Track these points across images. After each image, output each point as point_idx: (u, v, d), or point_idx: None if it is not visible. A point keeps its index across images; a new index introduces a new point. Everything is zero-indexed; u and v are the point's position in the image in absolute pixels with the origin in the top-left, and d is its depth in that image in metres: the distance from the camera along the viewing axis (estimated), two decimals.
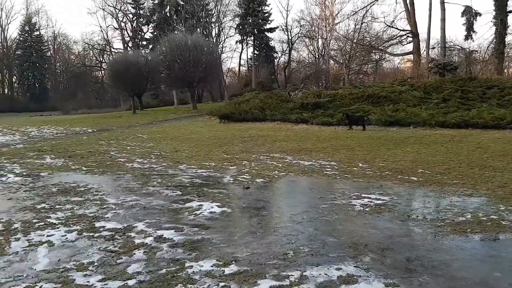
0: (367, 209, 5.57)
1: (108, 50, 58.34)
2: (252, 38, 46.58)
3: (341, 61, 46.77)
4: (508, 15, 24.53)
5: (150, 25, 51.32)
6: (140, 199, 6.40)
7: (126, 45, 53.99)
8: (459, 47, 27.93)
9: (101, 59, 61.07)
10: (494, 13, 24.67)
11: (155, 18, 48.95)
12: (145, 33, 53.84)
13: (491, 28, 25.43)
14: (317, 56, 54.44)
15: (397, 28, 31.97)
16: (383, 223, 4.99)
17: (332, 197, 6.24)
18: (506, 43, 25.16)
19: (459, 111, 16.06)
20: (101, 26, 75.48)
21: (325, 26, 51.44)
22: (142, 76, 32.60)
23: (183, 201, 6.20)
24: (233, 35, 51.07)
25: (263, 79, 46.03)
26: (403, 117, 15.82)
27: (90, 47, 58.92)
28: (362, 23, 40.98)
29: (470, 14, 25.21)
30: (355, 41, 40.04)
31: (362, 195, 6.32)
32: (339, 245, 4.31)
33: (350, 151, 10.91)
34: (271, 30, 46.41)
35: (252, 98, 23.29)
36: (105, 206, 5.99)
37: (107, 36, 57.37)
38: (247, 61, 56.35)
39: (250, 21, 44.35)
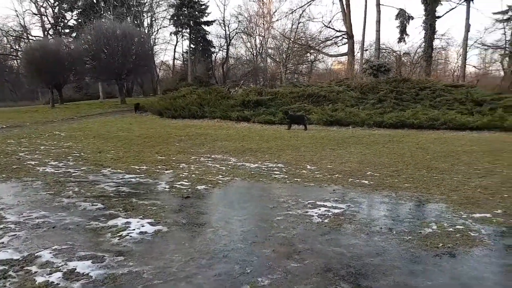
0: (326, 221, 4.87)
1: (25, 37, 52.59)
2: (188, 30, 44.72)
3: (278, 60, 46.93)
4: (436, 20, 25.93)
5: (74, 12, 47.11)
6: (50, 215, 5.10)
7: (46, 32, 49.03)
8: (390, 50, 29.05)
9: (17, 47, 54.93)
10: (424, 17, 25.92)
11: (79, 4, 45.01)
12: (68, 20, 49.37)
13: (420, 33, 26.89)
14: (255, 54, 54.15)
15: (334, 29, 32.52)
16: (347, 238, 4.30)
17: (286, 207, 5.46)
18: (433, 47, 26.59)
19: (394, 111, 16.38)
20: (16, 11, 68.26)
21: (263, 24, 51.31)
22: (63, 66, 29.47)
23: (105, 218, 5.02)
24: (167, 26, 48.81)
25: (200, 74, 44.55)
26: (342, 117, 15.72)
27: (4, 33, 52.66)
28: (299, 23, 41.35)
29: (403, 17, 26.27)
30: (292, 39, 40.22)
31: (317, 202, 5.63)
32: (305, 273, 3.52)
33: (295, 152, 10.30)
34: (209, 23, 44.97)
35: (189, 93, 22.04)
36: (1, 227, 4.63)
37: (24, 22, 51.72)
38: (182, 55, 54.27)
39: (186, 12, 42.50)
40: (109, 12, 41.52)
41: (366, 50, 34.08)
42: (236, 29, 48.15)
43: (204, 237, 4.37)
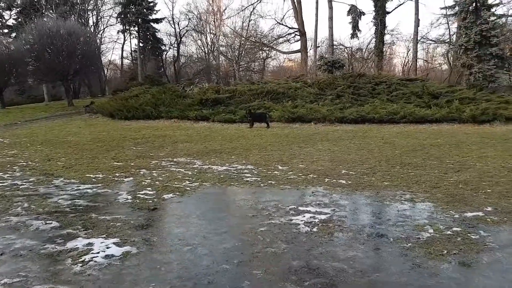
0: (314, 229, 4.47)
1: None
2: (137, 28, 42.86)
3: (231, 58, 46.37)
4: (386, 15, 26.60)
5: (13, 11, 43.55)
6: None
7: None
8: (343, 46, 29.50)
9: None
10: (374, 13, 26.49)
11: (19, 2, 41.67)
12: (7, 20, 45.55)
13: (370, 29, 27.50)
14: (206, 52, 53.18)
15: (286, 26, 32.50)
16: (343, 250, 3.93)
17: (267, 215, 5.01)
18: (384, 42, 27.26)
19: (353, 106, 16.47)
20: None
21: (214, 21, 50.48)
22: (3, 68, 27.05)
23: (62, 239, 4.31)
24: (114, 24, 46.61)
25: (151, 73, 42.93)
26: (304, 113, 15.55)
27: None
28: (249, 20, 41.09)
29: (355, 13, 26.70)
30: (244, 37, 39.86)
31: (300, 208, 5.24)
32: None
33: (263, 152, 9.89)
34: (158, 20, 43.35)
35: (142, 93, 20.95)
36: None
37: None
38: (131, 53, 52.12)
39: (134, 10, 40.69)
40: (51, 11, 38.79)
41: (318, 46, 34.48)
42: (186, 26, 46.98)
43: (182, 258, 3.81)
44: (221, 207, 5.55)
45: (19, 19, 40.30)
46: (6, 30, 44.38)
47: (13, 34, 41.00)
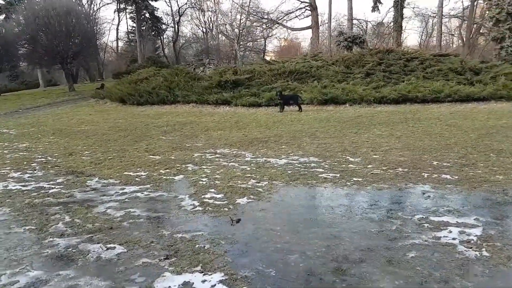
0: (484, 253, 3.24)
1: None
2: (134, 6, 40.77)
3: (232, 37, 44.54)
4: None
5: None
6: (48, 276, 3.11)
7: None
8: (363, 20, 27.89)
9: None
10: None
11: None
12: None
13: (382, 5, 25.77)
14: (204, 31, 51.22)
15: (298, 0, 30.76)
16: None
17: (395, 229, 3.82)
18: (403, 16, 25.76)
19: (388, 85, 15.20)
20: None
21: None
22: None
23: (142, 275, 3.11)
24: (110, 3, 44.44)
25: (148, 54, 41.10)
26: (338, 94, 14.23)
27: None
28: None
29: None
30: (249, 12, 37.97)
31: (431, 218, 4.03)
32: None
33: (315, 140, 8.66)
34: None
35: (153, 75, 19.43)
36: None
37: None
38: (127, 34, 50.05)
39: None
40: None
41: (327, 22, 32.87)
42: (186, 3, 44.90)
43: None
44: (319, 218, 4.32)
45: None
46: None
47: (2, 16, 38.87)
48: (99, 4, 45.88)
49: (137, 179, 6.06)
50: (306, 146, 8.05)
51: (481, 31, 29.98)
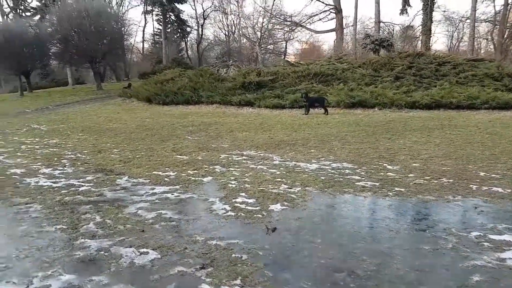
0: None
1: None
2: (161, 9, 41.25)
3: (254, 39, 44.51)
4: None
5: None
6: (81, 283, 2.99)
7: (6, 17, 43.98)
8: (390, 23, 27.32)
9: None
10: None
11: None
12: (29, 3, 44.38)
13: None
14: (227, 34, 51.37)
15: (323, 2, 30.41)
16: None
17: (453, 248, 3.51)
18: (432, 19, 25.08)
19: (419, 90, 14.75)
20: None
21: (237, 1, 48.51)
22: (30, 50, 25.99)
23: (178, 286, 2.97)
24: (138, 5, 45.12)
25: (172, 56, 41.49)
26: (367, 98, 13.89)
27: None
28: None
29: None
30: (272, 14, 37.81)
31: (490, 236, 3.65)
32: None
33: (345, 144, 8.40)
34: (182, 1, 41.62)
35: (178, 76, 19.53)
36: None
37: None
38: (153, 36, 50.74)
39: None
40: None
41: (352, 25, 32.39)
42: (210, 7, 45.12)
43: None
44: (363, 231, 4.06)
45: (43, 1, 39.14)
46: (28, 14, 43.41)
47: (36, 17, 39.99)
48: (127, 6, 46.75)
49: (166, 179, 5.98)
50: (337, 150, 7.81)
51: None
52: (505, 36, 32.71)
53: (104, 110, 16.92)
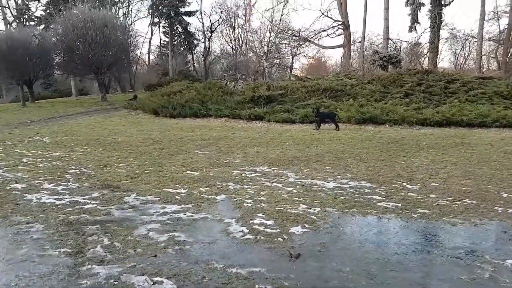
0: None
1: None
2: (168, 21, 41.54)
3: (261, 53, 44.69)
4: (443, 8, 24.28)
5: (41, 2, 42.76)
6: None
7: (9, 25, 44.30)
8: (398, 40, 27.24)
9: None
10: (430, 5, 24.20)
11: None
12: (33, 12, 44.77)
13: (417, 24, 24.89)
14: (234, 47, 51.65)
15: (331, 18, 30.44)
16: None
17: (491, 278, 3.19)
18: (440, 37, 25.00)
19: (429, 107, 14.48)
20: None
21: (244, 16, 48.92)
22: (34, 60, 25.94)
23: None
24: (145, 17, 45.50)
25: (179, 68, 41.58)
26: (378, 114, 13.60)
27: None
28: (282, 14, 39.30)
29: (414, 4, 24.45)
30: (280, 29, 38.00)
31: None
32: None
33: (361, 162, 8.08)
34: (190, 13, 41.96)
35: (186, 89, 19.35)
36: None
37: None
38: (160, 47, 51.06)
39: (166, 1, 39.35)
40: (80, 2, 37.81)
41: (360, 41, 32.36)
42: (218, 20, 45.44)
43: None
44: (393, 258, 3.72)
45: (48, 10, 39.42)
46: (32, 23, 43.68)
47: (41, 26, 40.18)
48: (134, 18, 47.10)
49: (177, 197, 5.65)
50: (353, 168, 7.49)
51: None
52: (510, 54, 32.63)
53: (109, 122, 16.68)
